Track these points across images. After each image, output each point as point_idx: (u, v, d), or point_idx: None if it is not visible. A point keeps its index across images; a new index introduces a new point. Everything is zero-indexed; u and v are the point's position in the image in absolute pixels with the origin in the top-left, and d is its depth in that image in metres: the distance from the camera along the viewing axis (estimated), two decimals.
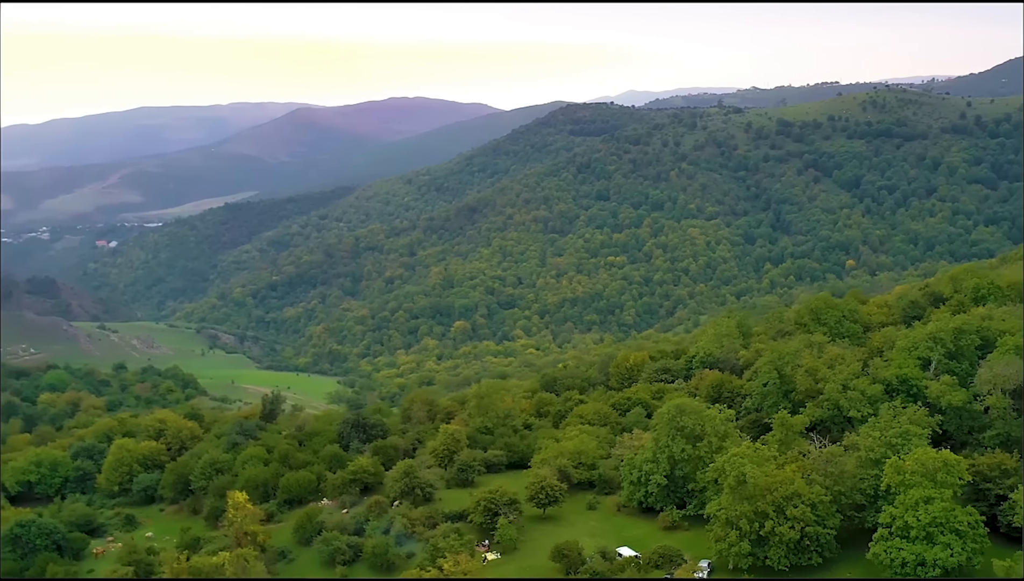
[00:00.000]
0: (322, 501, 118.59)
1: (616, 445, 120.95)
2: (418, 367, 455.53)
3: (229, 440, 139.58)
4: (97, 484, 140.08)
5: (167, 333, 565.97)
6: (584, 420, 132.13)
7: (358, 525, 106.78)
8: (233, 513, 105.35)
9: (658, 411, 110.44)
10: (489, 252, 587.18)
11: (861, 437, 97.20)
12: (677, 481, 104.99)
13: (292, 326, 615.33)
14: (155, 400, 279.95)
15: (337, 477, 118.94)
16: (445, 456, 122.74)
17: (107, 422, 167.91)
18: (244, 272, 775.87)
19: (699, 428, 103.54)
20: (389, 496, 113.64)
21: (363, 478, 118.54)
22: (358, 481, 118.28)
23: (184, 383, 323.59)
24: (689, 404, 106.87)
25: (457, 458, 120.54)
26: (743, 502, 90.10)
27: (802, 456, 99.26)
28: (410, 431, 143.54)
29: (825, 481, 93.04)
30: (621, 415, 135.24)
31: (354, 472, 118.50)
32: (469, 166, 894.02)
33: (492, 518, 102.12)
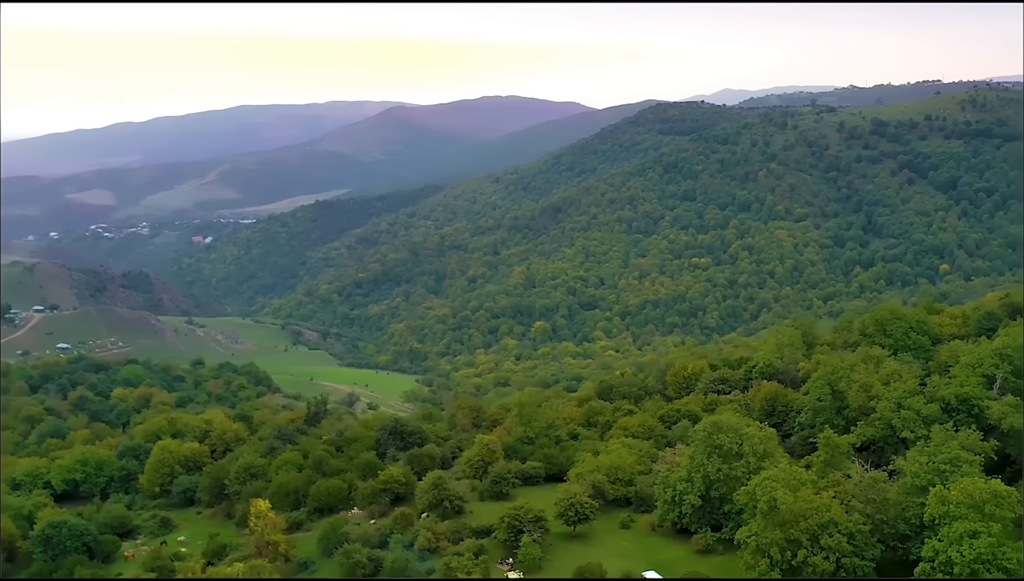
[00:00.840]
0: (352, 511, 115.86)
1: (658, 460, 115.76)
2: (496, 367, 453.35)
3: (267, 444, 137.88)
4: (139, 485, 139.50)
5: (252, 329, 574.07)
6: (628, 432, 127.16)
7: (383, 537, 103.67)
8: (255, 522, 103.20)
9: (694, 427, 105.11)
10: (572, 252, 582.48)
11: (908, 462, 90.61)
12: (713, 502, 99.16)
13: (375, 323, 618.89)
14: (225, 397, 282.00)
15: (367, 486, 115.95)
16: (480, 467, 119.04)
17: (157, 421, 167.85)
18: (331, 269, 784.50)
19: (736, 446, 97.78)
20: (418, 508, 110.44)
21: (394, 488, 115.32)
22: (388, 491, 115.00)
23: (257, 380, 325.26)
24: (726, 421, 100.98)
25: (491, 469, 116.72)
26: (775, 529, 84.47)
27: (845, 479, 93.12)
28: (453, 439, 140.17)
29: (866, 508, 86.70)
30: (668, 428, 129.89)
31: (384, 482, 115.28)
32: (557, 165, 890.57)
33: (516, 535, 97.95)
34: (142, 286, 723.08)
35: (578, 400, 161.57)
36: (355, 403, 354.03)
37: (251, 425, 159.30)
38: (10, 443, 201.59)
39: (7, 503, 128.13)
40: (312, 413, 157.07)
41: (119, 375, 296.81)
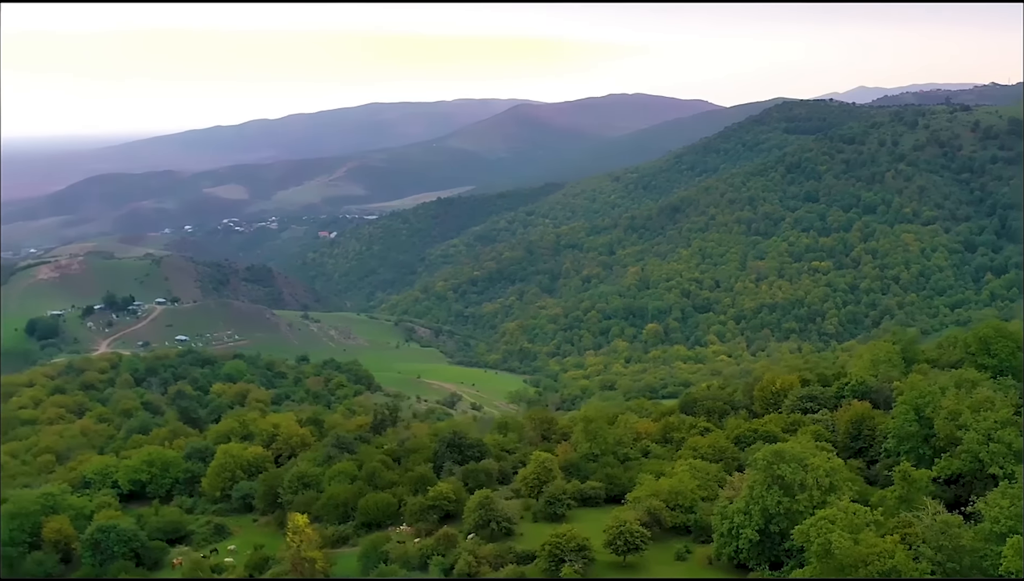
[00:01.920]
0: (400, 527, 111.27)
1: (726, 485, 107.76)
2: (605, 369, 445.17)
3: (325, 452, 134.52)
4: (201, 488, 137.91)
5: (366, 324, 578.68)
6: (697, 453, 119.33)
7: (423, 558, 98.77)
8: (291, 537, 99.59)
9: (754, 455, 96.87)
10: (688, 253, 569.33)
11: (988, 504, 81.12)
12: (772, 537, 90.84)
13: (489, 322, 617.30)
14: (322, 396, 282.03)
15: (416, 502, 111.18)
16: (535, 486, 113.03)
17: (228, 423, 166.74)
18: (449, 266, 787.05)
19: (799, 478, 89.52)
20: (465, 528, 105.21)
21: (443, 505, 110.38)
22: (437, 508, 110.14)
23: (357, 378, 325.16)
24: (788, 449, 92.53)
25: (546, 489, 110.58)
26: (831, 575, 76.65)
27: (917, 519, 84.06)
28: (519, 452, 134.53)
29: (936, 556, 77.90)
30: (742, 449, 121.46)
31: (433, 498, 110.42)
32: (678, 164, 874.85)
33: (558, 564, 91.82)
34: (264, 280, 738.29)
35: (658, 414, 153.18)
36: (456, 403, 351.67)
37: (321, 430, 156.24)
38: (103, 436, 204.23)
39: (69, 503, 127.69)
40: (378, 420, 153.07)
41: (222, 370, 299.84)
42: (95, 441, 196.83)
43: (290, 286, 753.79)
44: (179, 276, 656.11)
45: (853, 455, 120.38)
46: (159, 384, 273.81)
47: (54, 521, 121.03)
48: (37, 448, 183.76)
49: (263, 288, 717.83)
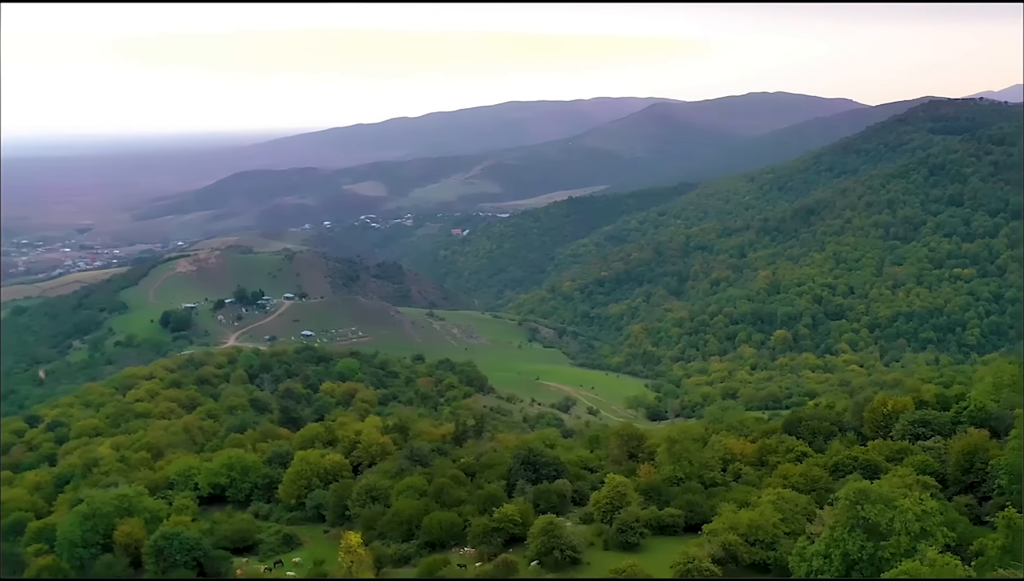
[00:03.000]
0: (464, 549, 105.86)
1: (815, 520, 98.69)
2: (729, 376, 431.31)
3: (397, 464, 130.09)
4: (278, 495, 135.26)
5: (489, 323, 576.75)
6: (788, 482, 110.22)
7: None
8: (343, 557, 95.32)
9: (836, 493, 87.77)
10: (822, 257, 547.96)
11: None
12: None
13: (614, 323, 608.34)
14: (430, 397, 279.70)
15: (480, 523, 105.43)
16: (608, 511, 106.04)
17: (314, 428, 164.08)
18: (578, 266, 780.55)
19: (886, 522, 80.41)
20: (528, 554, 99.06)
21: (508, 528, 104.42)
22: (502, 531, 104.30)
23: (468, 380, 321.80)
24: (875, 489, 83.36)
25: (618, 516, 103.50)
26: None
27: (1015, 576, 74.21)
28: (602, 470, 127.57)
29: None
30: (837, 479, 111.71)
31: (498, 520, 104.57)
32: (816, 165, 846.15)
33: None
34: (394, 277, 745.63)
35: (759, 433, 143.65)
36: (571, 407, 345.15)
37: (406, 438, 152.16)
38: (206, 434, 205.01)
39: (145, 505, 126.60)
40: (460, 431, 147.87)
41: (335, 368, 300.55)
42: (198, 438, 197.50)
43: (419, 283, 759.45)
44: (310, 272, 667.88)
45: (964, 490, 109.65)
46: (271, 381, 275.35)
47: (126, 524, 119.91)
48: (138, 444, 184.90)
49: (392, 285, 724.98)
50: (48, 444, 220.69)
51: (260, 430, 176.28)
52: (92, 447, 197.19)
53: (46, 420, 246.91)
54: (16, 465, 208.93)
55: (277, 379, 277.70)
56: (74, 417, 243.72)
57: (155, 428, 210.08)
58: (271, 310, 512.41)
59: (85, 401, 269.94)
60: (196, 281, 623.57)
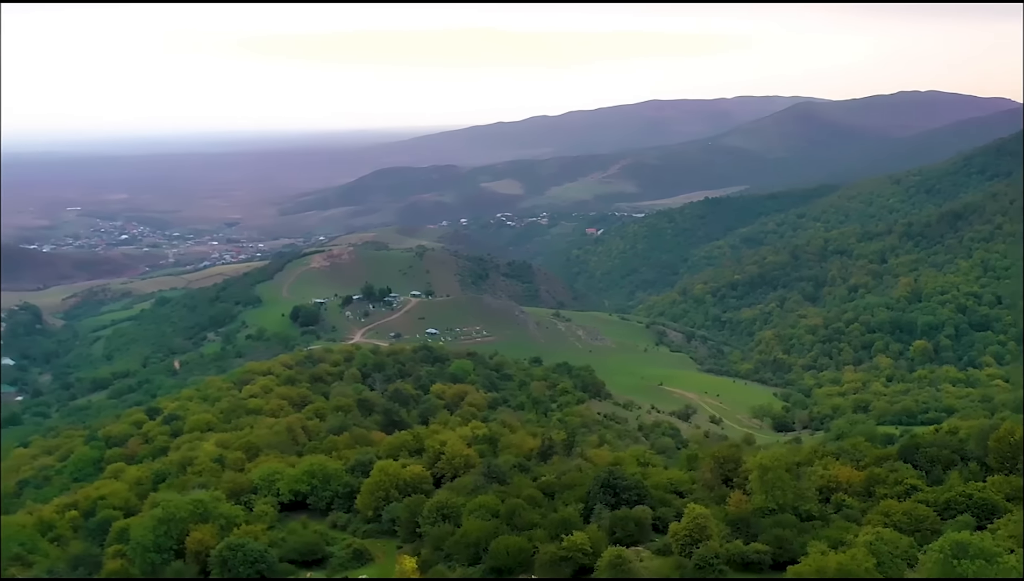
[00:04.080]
0: (531, 578, 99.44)
1: (917, 566, 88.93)
2: (863, 387, 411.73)
3: (474, 480, 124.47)
4: (356, 505, 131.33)
5: (616, 326, 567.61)
6: (890, 520, 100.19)
7: None
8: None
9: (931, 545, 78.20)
10: (968, 265, 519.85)
11: None
12: None
13: (746, 328, 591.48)
14: (542, 402, 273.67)
15: (548, 551, 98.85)
16: (687, 544, 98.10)
17: (403, 436, 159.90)
18: (711, 268, 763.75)
19: None
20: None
21: (577, 557, 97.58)
22: (571, 560, 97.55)
23: (584, 385, 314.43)
24: (975, 543, 73.82)
25: (698, 550, 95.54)
26: None
27: None
28: (693, 495, 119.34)
29: None
30: (946, 519, 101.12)
31: (568, 548, 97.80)
32: (967, 167, 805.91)
33: None
34: (523, 276, 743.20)
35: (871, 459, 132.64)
36: (692, 416, 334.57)
37: (495, 450, 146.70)
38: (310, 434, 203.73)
39: (221, 510, 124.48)
40: (545, 446, 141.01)
41: (449, 369, 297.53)
42: (300, 439, 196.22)
43: (549, 283, 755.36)
44: (440, 269, 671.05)
45: None
46: (382, 380, 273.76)
47: (199, 530, 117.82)
48: (239, 443, 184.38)
49: (522, 284, 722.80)
50: (163, 437, 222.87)
51: (352, 434, 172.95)
52: (198, 443, 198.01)
53: (165, 412, 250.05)
54: (131, 457, 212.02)
55: (389, 379, 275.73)
56: (190, 411, 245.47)
57: (261, 426, 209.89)
58: (398, 307, 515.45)
59: (204, 395, 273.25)
60: (329, 277, 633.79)
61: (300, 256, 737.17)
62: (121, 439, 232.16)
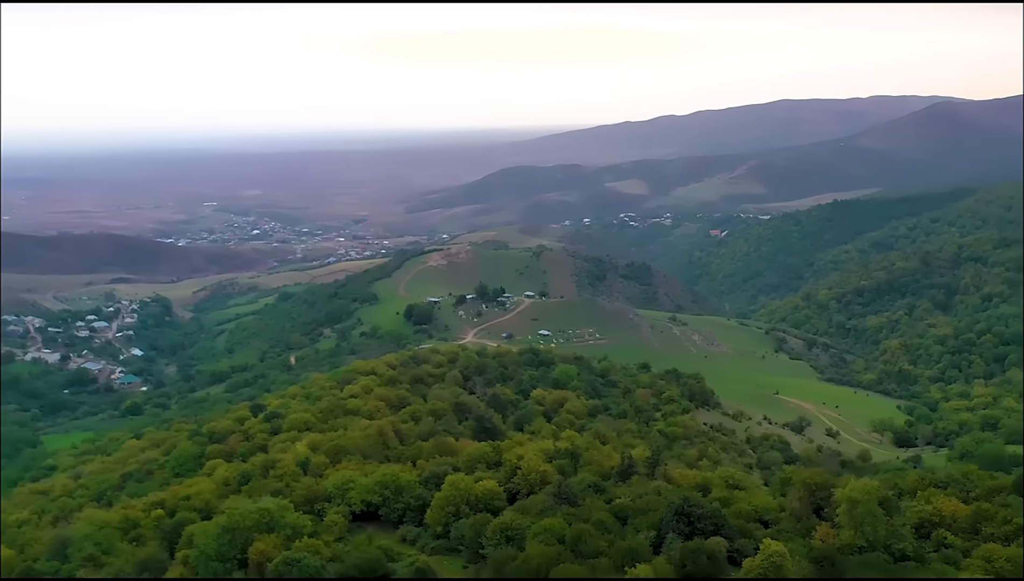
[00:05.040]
0: None
1: None
2: (993, 403, 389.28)
3: (544, 501, 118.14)
4: (426, 520, 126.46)
5: (734, 331, 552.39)
6: (992, 568, 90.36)
7: None
8: None
9: None
10: None
11: None
12: None
13: (871, 337, 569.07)
14: (645, 411, 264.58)
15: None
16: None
17: (482, 447, 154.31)
18: (837, 273, 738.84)
19: None
20: None
21: None
22: None
23: (691, 393, 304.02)
24: None
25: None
26: None
27: None
28: (779, 524, 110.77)
29: None
30: None
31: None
32: None
33: None
34: (642, 277, 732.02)
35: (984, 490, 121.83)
36: (806, 428, 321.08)
37: (576, 466, 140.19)
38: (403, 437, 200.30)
39: (287, 520, 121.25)
40: (625, 464, 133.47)
41: (552, 373, 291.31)
42: (391, 443, 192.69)
43: (667, 285, 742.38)
44: (557, 269, 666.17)
45: None
46: (483, 384, 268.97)
47: (262, 541, 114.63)
48: (327, 445, 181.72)
49: (640, 286, 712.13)
50: (262, 435, 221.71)
51: (435, 442, 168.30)
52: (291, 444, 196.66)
53: (267, 410, 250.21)
54: (229, 455, 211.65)
55: (489, 382, 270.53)
56: (291, 409, 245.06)
57: (355, 428, 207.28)
58: (511, 307, 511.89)
59: (307, 393, 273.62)
60: (445, 275, 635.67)
61: (418, 254, 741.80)
62: (223, 435, 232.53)
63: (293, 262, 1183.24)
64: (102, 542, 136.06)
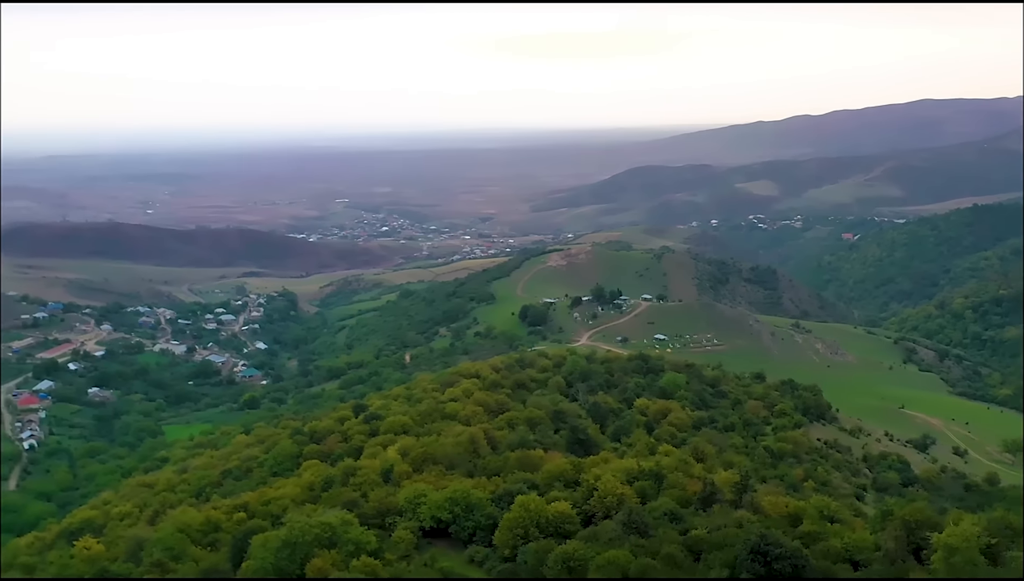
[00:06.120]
0: None
1: None
2: None
3: (613, 529, 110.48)
4: (494, 541, 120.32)
5: (860, 339, 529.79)
6: None
7: None
8: None
9: None
10: None
11: None
12: None
13: (1009, 349, 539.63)
14: (754, 424, 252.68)
15: None
16: None
17: (562, 464, 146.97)
18: (974, 281, 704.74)
19: None
20: None
21: None
22: None
23: (806, 406, 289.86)
24: None
25: None
26: None
27: None
28: (871, 568, 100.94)
29: None
30: None
31: None
32: None
33: None
34: (767, 282, 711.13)
35: None
36: (930, 446, 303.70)
37: (660, 488, 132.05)
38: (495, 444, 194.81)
39: (350, 536, 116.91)
40: (708, 491, 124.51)
41: (659, 382, 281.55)
42: (483, 451, 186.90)
43: (793, 290, 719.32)
44: (678, 272, 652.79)
45: None
46: (585, 391, 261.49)
47: (322, 557, 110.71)
48: (417, 451, 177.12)
49: (763, 290, 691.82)
50: (360, 437, 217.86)
51: (519, 454, 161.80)
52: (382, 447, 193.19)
53: (369, 410, 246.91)
54: (326, 455, 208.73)
55: (592, 389, 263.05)
56: (391, 411, 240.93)
57: (449, 434, 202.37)
58: (627, 310, 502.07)
59: (410, 394, 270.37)
60: (564, 276, 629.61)
61: (539, 254, 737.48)
62: (323, 435, 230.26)
63: (418, 259, 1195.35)
64: (174, 547, 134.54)
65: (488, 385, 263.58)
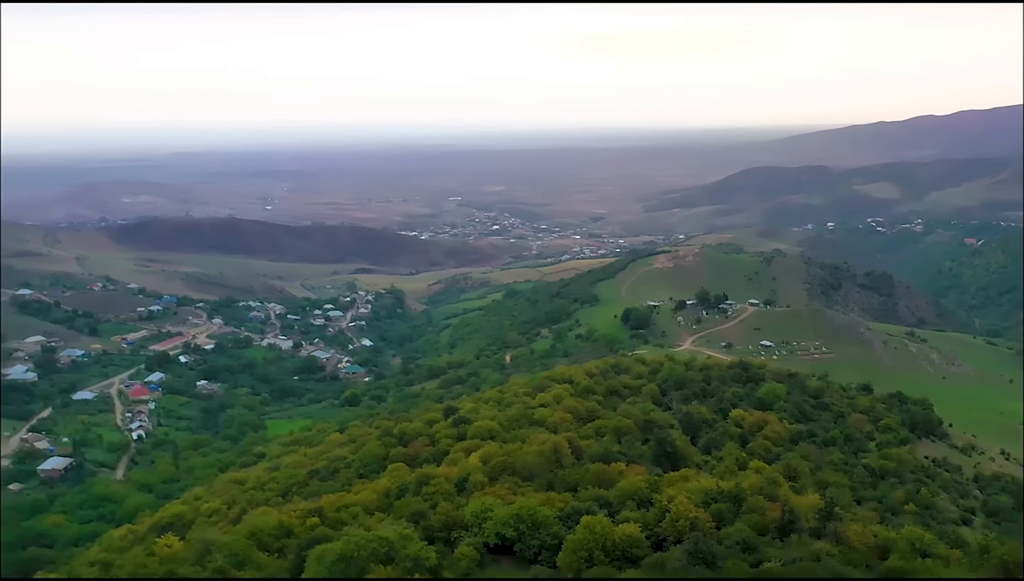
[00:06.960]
0: None
1: None
2: None
3: (677, 559, 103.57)
4: (558, 562, 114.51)
5: (980, 350, 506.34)
6: None
7: None
8: None
9: None
10: None
11: None
12: None
13: None
14: (856, 440, 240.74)
15: None
16: None
17: (636, 482, 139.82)
18: None
19: None
20: None
21: None
22: None
23: (914, 422, 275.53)
24: None
25: None
26: None
27: None
28: None
29: None
30: None
31: None
32: None
33: None
34: (882, 288, 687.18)
35: None
36: None
37: (739, 511, 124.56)
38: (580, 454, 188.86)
39: (409, 551, 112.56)
40: (786, 518, 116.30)
41: (758, 392, 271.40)
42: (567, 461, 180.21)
43: (910, 297, 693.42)
44: (788, 277, 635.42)
45: None
46: (679, 399, 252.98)
47: (377, 573, 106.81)
48: (496, 461, 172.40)
49: (878, 297, 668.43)
50: (447, 440, 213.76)
51: (596, 468, 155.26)
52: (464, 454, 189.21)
53: (459, 413, 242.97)
54: (412, 458, 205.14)
55: (687, 399, 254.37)
56: (480, 415, 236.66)
57: (534, 441, 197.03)
58: (732, 315, 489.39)
59: (501, 397, 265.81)
60: (670, 278, 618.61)
61: (646, 256, 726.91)
62: (411, 437, 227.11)
63: (527, 259, 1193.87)
64: (239, 552, 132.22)
65: (580, 391, 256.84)
